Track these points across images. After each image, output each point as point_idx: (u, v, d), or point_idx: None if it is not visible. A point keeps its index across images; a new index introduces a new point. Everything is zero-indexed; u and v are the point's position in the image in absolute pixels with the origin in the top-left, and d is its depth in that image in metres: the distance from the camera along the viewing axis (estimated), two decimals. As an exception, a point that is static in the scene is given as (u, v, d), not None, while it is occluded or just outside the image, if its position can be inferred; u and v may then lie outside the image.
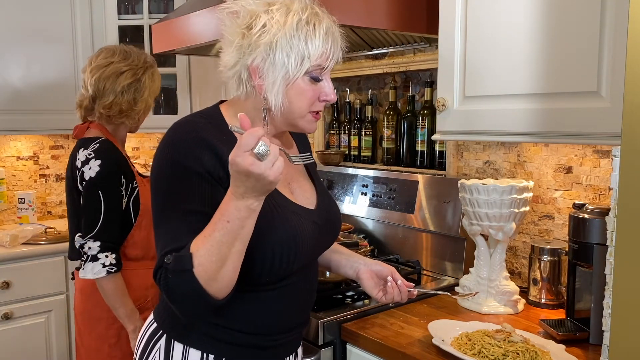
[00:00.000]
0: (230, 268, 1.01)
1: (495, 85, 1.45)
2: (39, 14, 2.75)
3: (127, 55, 1.88)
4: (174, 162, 1.08)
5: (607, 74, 1.22)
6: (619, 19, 1.19)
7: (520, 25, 1.38)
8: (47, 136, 3.12)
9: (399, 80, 2.36)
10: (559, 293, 1.66)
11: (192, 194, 1.06)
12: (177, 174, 1.07)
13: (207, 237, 0.99)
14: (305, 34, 1.07)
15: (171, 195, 1.07)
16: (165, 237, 1.06)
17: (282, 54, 1.06)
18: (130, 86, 1.85)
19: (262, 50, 1.06)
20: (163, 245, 1.05)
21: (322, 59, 1.09)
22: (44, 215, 3.14)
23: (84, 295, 1.83)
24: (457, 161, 2.07)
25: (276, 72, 1.07)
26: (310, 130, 1.17)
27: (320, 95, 1.13)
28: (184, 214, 1.05)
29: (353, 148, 2.52)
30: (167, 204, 1.08)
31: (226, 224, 0.98)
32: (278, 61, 1.06)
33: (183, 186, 1.06)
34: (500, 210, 1.57)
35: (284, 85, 1.08)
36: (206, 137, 1.09)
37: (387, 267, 1.36)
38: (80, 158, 1.75)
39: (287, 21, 1.06)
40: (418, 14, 1.86)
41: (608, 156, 1.63)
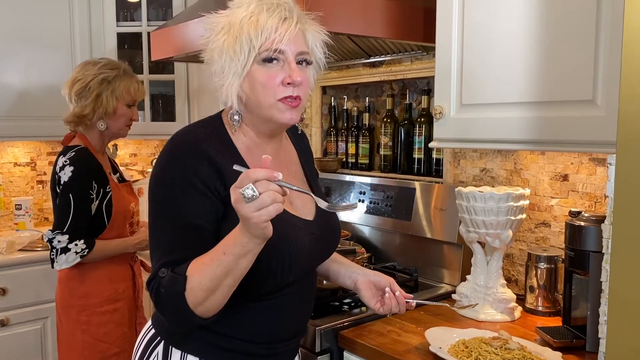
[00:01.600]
0: (219, 297, 1.03)
1: (491, 94, 1.46)
2: (37, 20, 2.76)
3: (85, 65, 2.05)
4: (171, 172, 1.09)
5: (602, 83, 1.23)
6: (614, 29, 1.20)
7: (516, 34, 1.39)
8: (45, 142, 3.12)
9: (396, 88, 2.37)
10: (556, 300, 1.66)
11: (188, 206, 1.06)
12: (174, 185, 1.08)
13: (203, 264, 1.01)
14: (248, 26, 1.07)
15: (167, 205, 1.08)
16: (161, 248, 1.08)
17: (229, 52, 1.09)
18: (79, 94, 2.00)
19: (216, 55, 1.12)
20: (159, 255, 1.07)
21: (269, 42, 1.07)
22: (41, 222, 3.13)
23: (61, 284, 2.02)
24: (454, 169, 2.08)
25: (229, 70, 1.10)
26: (286, 120, 1.12)
27: (284, 79, 1.09)
28: (179, 225, 1.07)
29: (350, 155, 2.53)
30: (163, 214, 1.09)
31: (222, 256, 1.00)
32: (227, 60, 1.10)
33: (179, 197, 1.07)
34: (497, 217, 1.58)
35: (237, 80, 1.10)
36: (206, 148, 1.10)
37: (386, 277, 1.35)
38: (59, 164, 1.94)
39: (233, 21, 1.09)
40: (415, 22, 1.87)
41: (604, 164, 1.64)
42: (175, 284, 1.02)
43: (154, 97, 3.07)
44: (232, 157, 1.13)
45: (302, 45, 1.12)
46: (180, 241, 1.06)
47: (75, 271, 1.96)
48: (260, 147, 1.19)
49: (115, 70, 2.03)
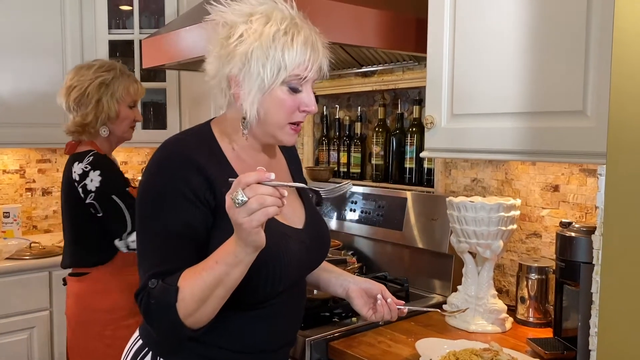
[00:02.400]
0: (210, 308, 1.02)
1: (482, 104, 1.47)
2: (28, 27, 2.75)
3: (79, 70, 1.96)
4: (161, 181, 1.08)
5: (592, 94, 1.24)
6: (603, 41, 1.20)
7: (507, 45, 1.40)
8: (34, 150, 3.09)
9: (388, 97, 2.37)
10: (547, 311, 1.66)
11: (177, 215, 1.05)
12: (164, 194, 1.07)
13: (195, 274, 1.01)
14: (282, 45, 1.06)
15: (156, 215, 1.07)
16: (150, 259, 1.06)
17: (257, 63, 1.06)
18: (78, 102, 1.91)
19: (238, 59, 1.07)
20: (148, 266, 1.06)
21: (300, 69, 1.08)
22: (29, 230, 3.10)
23: (80, 299, 1.92)
24: (445, 178, 2.08)
25: (252, 81, 1.07)
26: (289, 142, 1.17)
27: (300, 106, 1.12)
28: (168, 236, 1.05)
29: (342, 164, 2.53)
30: (152, 224, 1.07)
31: (214, 265, 0.99)
32: (253, 70, 1.07)
33: (169, 207, 1.06)
34: (487, 227, 1.58)
35: (260, 95, 1.08)
36: (196, 157, 1.09)
37: (377, 285, 1.35)
38: (77, 171, 1.83)
39: (264, 31, 1.06)
40: (407, 33, 1.88)
41: (594, 175, 1.65)
42: (167, 294, 1.00)
43: (145, 105, 3.06)
44: (221, 166, 1.13)
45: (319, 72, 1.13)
46: (170, 252, 1.05)
47: (100, 286, 1.89)
48: (251, 155, 1.19)
49: (112, 72, 1.96)
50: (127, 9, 2.99)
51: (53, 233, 3.16)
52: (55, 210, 3.20)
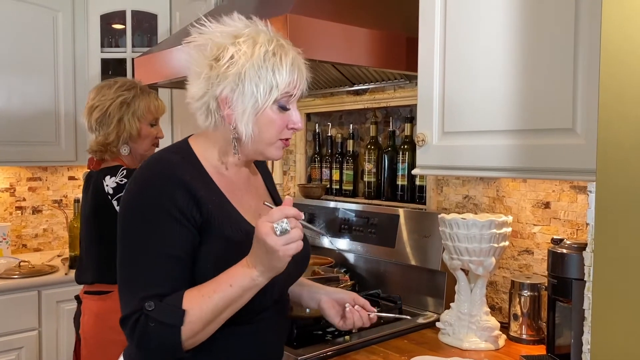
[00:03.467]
0: (212, 330, 1.04)
1: (473, 122, 1.48)
2: (21, 45, 2.75)
3: (101, 89, 1.95)
4: (146, 201, 1.07)
5: (581, 112, 1.25)
6: (592, 58, 1.22)
7: (496, 63, 1.41)
8: (25, 168, 3.07)
9: (379, 115, 2.39)
10: (540, 328, 1.65)
11: (166, 236, 1.05)
12: (151, 215, 1.06)
13: (204, 296, 1.01)
14: (272, 65, 1.09)
15: (145, 236, 1.05)
16: (141, 281, 1.04)
17: (250, 84, 1.08)
18: (99, 121, 1.91)
19: (230, 80, 1.09)
20: (139, 289, 1.03)
21: (289, 87, 1.12)
22: (19, 249, 3.07)
23: (100, 318, 1.88)
24: (437, 195, 2.09)
25: (245, 101, 1.09)
26: (278, 157, 1.19)
27: (289, 124, 1.15)
28: (159, 257, 1.04)
29: (335, 182, 2.53)
30: (140, 246, 1.06)
31: (228, 288, 1.01)
32: (247, 91, 1.09)
33: (156, 228, 1.05)
34: (480, 244, 1.58)
35: (254, 115, 1.10)
36: (180, 175, 1.08)
37: (349, 293, 1.37)
38: (110, 185, 1.85)
39: (254, 52, 1.09)
40: (398, 51, 1.90)
41: (585, 192, 1.66)
42: (171, 317, 1.00)
43: (137, 122, 3.05)
44: (204, 182, 1.13)
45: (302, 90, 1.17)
46: (162, 273, 1.04)
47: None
48: (234, 172, 1.21)
49: (133, 91, 1.95)
50: (120, 27, 3.01)
51: (43, 252, 3.13)
52: (45, 228, 3.17)
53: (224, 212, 1.13)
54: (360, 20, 1.83)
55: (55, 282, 2.58)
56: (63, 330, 2.62)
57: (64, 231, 3.18)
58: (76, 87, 2.92)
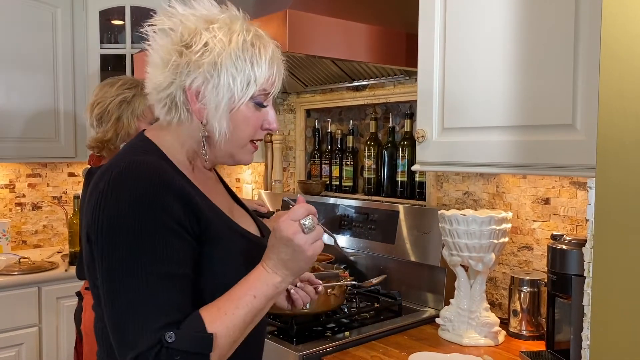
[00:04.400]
0: (236, 346, 0.95)
1: (473, 118, 1.48)
2: (20, 41, 2.74)
3: (103, 86, 1.95)
4: (138, 217, 0.91)
5: (581, 108, 1.25)
6: (592, 54, 1.22)
7: (496, 59, 1.41)
8: (24, 164, 3.07)
9: (379, 111, 2.38)
10: (539, 324, 1.66)
11: (168, 254, 0.91)
12: (146, 232, 0.91)
13: (228, 314, 0.91)
14: (250, 56, 0.98)
15: (142, 257, 0.90)
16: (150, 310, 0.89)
17: (227, 75, 0.97)
18: (99, 118, 1.91)
19: (204, 70, 0.96)
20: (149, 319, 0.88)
21: (267, 84, 1.01)
22: (19, 245, 3.07)
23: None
24: (436, 192, 2.09)
25: (220, 95, 0.98)
26: (248, 161, 1.07)
27: (264, 124, 1.05)
28: (164, 279, 0.90)
29: (334, 178, 2.53)
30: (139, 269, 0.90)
31: (252, 299, 0.93)
32: (223, 83, 0.97)
33: (156, 246, 0.91)
34: (479, 241, 1.58)
35: (228, 111, 0.99)
36: (169, 179, 0.95)
37: None
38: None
39: (231, 40, 0.97)
40: (398, 47, 1.89)
41: (584, 188, 1.66)
42: (200, 344, 0.88)
43: (136, 119, 3.05)
44: (189, 185, 1.00)
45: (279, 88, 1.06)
46: (172, 297, 0.90)
47: None
48: (202, 172, 1.09)
49: (134, 89, 1.95)
50: (119, 23, 3.00)
51: (43, 248, 3.13)
52: (45, 225, 3.17)
53: (217, 215, 1.02)
54: (360, 16, 1.82)
55: (55, 279, 2.59)
56: (63, 327, 2.62)
57: (64, 227, 3.18)
58: (75, 83, 2.92)
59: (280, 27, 1.64)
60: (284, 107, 2.79)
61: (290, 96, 2.74)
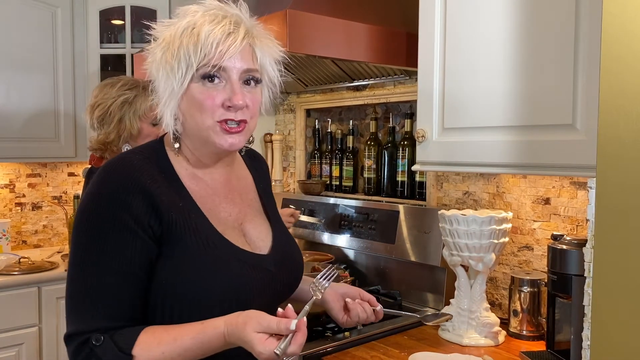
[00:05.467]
0: None
1: (473, 118, 1.48)
2: (20, 41, 2.74)
3: (104, 87, 1.94)
4: (98, 209, 0.95)
5: (581, 107, 1.25)
6: (592, 54, 1.22)
7: (497, 59, 1.41)
8: (24, 164, 3.07)
9: (379, 111, 2.38)
10: (540, 324, 1.65)
11: (118, 250, 0.94)
12: (101, 225, 0.94)
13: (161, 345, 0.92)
14: (187, 42, 0.97)
15: (96, 250, 0.94)
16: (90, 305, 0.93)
17: (165, 67, 0.99)
18: (101, 120, 1.90)
19: (153, 68, 1.03)
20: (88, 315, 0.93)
21: (208, 57, 0.97)
22: (19, 245, 3.07)
23: None
24: (437, 192, 2.09)
25: (163, 88, 1.01)
26: (226, 145, 1.01)
27: (224, 102, 0.99)
28: (109, 274, 0.93)
29: (334, 178, 2.53)
30: (89, 259, 0.94)
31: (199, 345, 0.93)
32: (162, 76, 1.01)
33: (109, 240, 0.94)
34: (479, 241, 1.58)
35: (173, 100, 1.00)
36: (138, 177, 0.97)
37: (354, 288, 1.30)
38: None
39: (173, 31, 1.00)
40: (398, 47, 1.89)
41: (585, 188, 1.66)
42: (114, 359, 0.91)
43: (137, 119, 3.05)
44: (170, 185, 1.02)
45: (249, 62, 1.00)
46: (114, 294, 0.93)
47: None
48: (207, 173, 1.09)
49: (135, 90, 1.93)
50: (119, 23, 3.00)
51: (43, 248, 3.13)
52: (45, 225, 3.17)
53: (190, 220, 1.00)
54: (360, 16, 1.82)
55: (55, 279, 2.58)
56: (63, 327, 2.59)
57: (64, 227, 3.18)
58: (75, 83, 2.91)
59: (280, 27, 1.64)
60: (284, 107, 2.79)
61: (290, 96, 2.74)
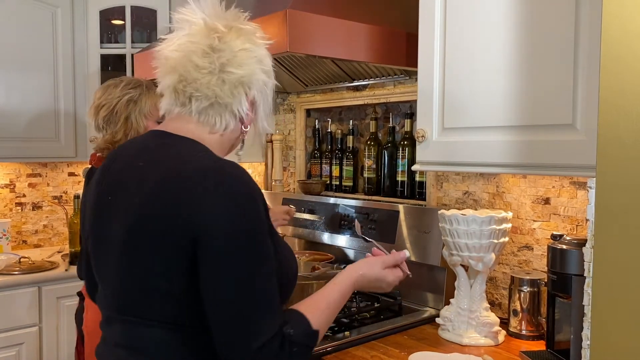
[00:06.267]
0: None
1: (473, 117, 1.48)
2: (20, 41, 2.74)
3: (107, 88, 1.94)
4: (259, 217, 0.99)
5: (581, 107, 1.25)
6: (592, 54, 1.22)
7: (496, 59, 1.41)
8: (25, 164, 3.07)
9: (379, 111, 2.38)
10: (539, 324, 1.66)
11: (271, 251, 1.00)
12: (264, 231, 0.99)
13: (324, 311, 1.08)
14: (270, 68, 1.11)
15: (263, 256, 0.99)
16: (269, 305, 0.99)
17: (268, 85, 1.11)
18: (107, 120, 1.89)
19: (259, 80, 1.08)
20: (272, 313, 0.98)
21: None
22: (19, 245, 3.07)
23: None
24: (437, 191, 2.09)
25: (266, 101, 1.11)
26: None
27: None
28: (273, 274, 1.00)
29: (334, 178, 2.53)
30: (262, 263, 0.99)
31: (342, 300, 1.12)
32: (269, 92, 1.11)
33: (268, 244, 1.00)
34: (479, 240, 1.58)
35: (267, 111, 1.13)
36: (254, 181, 1.03)
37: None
38: None
39: (261, 52, 1.09)
40: (398, 47, 1.89)
41: (584, 187, 1.66)
42: (309, 339, 1.03)
43: (137, 118, 3.05)
44: None
45: None
46: (277, 293, 1.01)
47: None
48: None
49: (139, 89, 1.94)
50: (119, 23, 3.00)
51: (43, 248, 3.13)
52: (45, 224, 3.17)
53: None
54: (360, 16, 1.82)
55: (55, 278, 2.58)
56: (63, 327, 2.62)
57: (64, 227, 3.18)
58: (75, 83, 2.91)
59: (280, 27, 1.64)
60: (284, 107, 2.79)
61: (290, 96, 2.74)
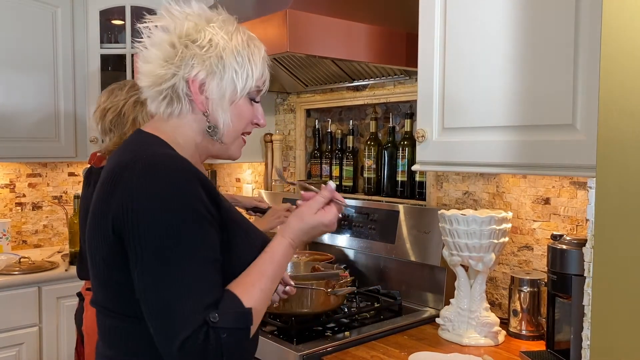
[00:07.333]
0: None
1: (473, 118, 1.48)
2: (20, 41, 2.74)
3: (112, 92, 1.94)
4: (179, 205, 0.96)
5: (581, 108, 1.25)
6: (592, 55, 1.22)
7: (497, 59, 1.41)
8: (25, 164, 3.07)
9: (379, 111, 2.38)
10: (539, 324, 1.66)
11: (204, 239, 0.98)
12: (190, 218, 0.96)
13: (256, 286, 1.02)
14: (248, 54, 1.08)
15: (187, 242, 0.96)
16: (195, 295, 0.94)
17: (230, 69, 1.05)
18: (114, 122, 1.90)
19: (210, 63, 1.04)
20: (195, 304, 0.93)
21: (260, 81, 1.11)
22: (19, 245, 3.07)
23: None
24: (437, 191, 2.09)
25: (224, 87, 1.06)
26: (238, 155, 1.15)
27: (254, 118, 1.13)
28: (203, 262, 0.96)
29: (334, 178, 2.53)
30: (183, 256, 0.95)
31: (275, 267, 1.05)
32: (227, 76, 1.05)
33: (196, 232, 0.97)
34: (479, 240, 1.58)
35: (229, 102, 1.07)
36: (195, 170, 1.00)
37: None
38: None
39: (232, 38, 1.06)
40: (398, 47, 1.89)
41: (584, 188, 1.66)
42: (242, 320, 0.97)
43: (137, 118, 3.05)
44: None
45: None
46: (210, 280, 0.97)
47: None
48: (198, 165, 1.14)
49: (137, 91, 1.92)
50: (119, 23, 3.00)
51: (43, 248, 3.13)
52: (45, 224, 3.17)
53: (227, 202, 1.09)
54: (360, 16, 1.82)
55: (55, 279, 2.59)
56: (63, 327, 2.62)
57: (64, 227, 3.19)
58: (76, 83, 2.91)
59: (280, 27, 1.64)
60: (284, 107, 2.79)
61: (290, 96, 2.74)
